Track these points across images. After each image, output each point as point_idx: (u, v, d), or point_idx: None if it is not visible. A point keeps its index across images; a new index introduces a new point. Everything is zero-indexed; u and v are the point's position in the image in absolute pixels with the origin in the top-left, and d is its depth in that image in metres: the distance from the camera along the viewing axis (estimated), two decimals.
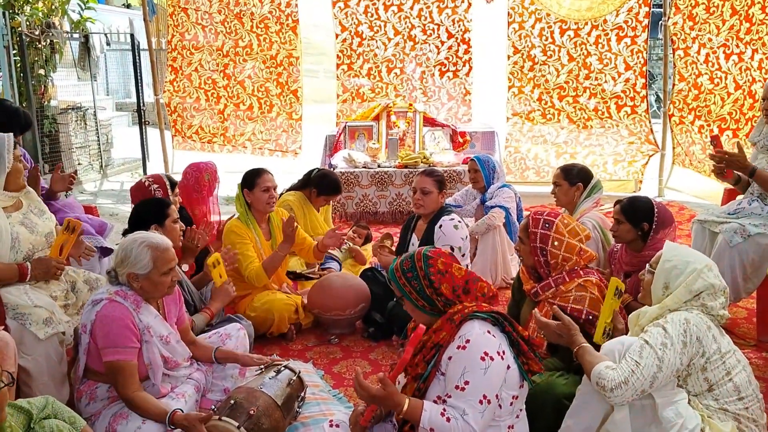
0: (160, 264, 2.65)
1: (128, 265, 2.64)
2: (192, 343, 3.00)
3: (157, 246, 2.65)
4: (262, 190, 3.98)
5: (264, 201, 3.99)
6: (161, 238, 2.71)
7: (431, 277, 2.32)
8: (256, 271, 3.86)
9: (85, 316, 2.68)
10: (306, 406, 2.95)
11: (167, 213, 3.33)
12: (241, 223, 3.99)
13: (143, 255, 2.63)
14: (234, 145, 8.30)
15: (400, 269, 2.38)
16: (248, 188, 4.00)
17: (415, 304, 2.35)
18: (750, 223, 3.70)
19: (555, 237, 2.96)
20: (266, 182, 3.99)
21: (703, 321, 2.31)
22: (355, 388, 2.23)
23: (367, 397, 2.19)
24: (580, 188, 4.16)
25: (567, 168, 4.25)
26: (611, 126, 7.67)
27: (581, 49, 7.51)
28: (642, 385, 2.18)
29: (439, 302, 2.31)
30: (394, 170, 6.89)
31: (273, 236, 4.13)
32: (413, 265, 2.36)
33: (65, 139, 8.21)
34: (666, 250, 2.51)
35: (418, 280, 2.33)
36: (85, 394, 2.71)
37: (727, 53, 6.42)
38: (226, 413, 2.52)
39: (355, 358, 3.74)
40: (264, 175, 4.02)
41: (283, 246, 3.93)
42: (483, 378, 2.13)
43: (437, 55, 7.83)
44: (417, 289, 2.33)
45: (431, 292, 2.31)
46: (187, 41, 7.97)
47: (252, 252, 3.91)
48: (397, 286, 2.39)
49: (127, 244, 2.67)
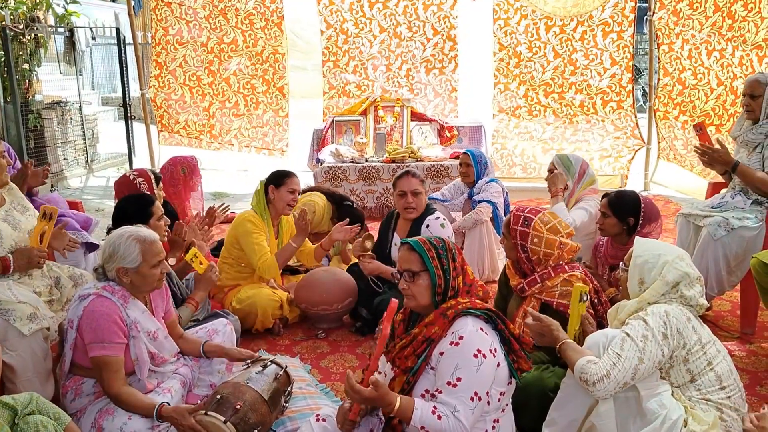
0: (149, 257, 2.64)
1: (117, 260, 2.63)
2: (180, 337, 2.99)
3: (145, 239, 2.65)
4: (289, 190, 4.04)
5: (287, 201, 4.05)
6: (148, 232, 2.71)
7: (457, 263, 2.35)
8: (269, 262, 3.90)
9: (71, 311, 2.66)
10: (293, 401, 2.95)
11: (151, 212, 3.32)
12: (257, 215, 4.02)
13: (132, 249, 2.62)
14: (221, 142, 8.25)
15: (431, 243, 2.36)
16: (275, 185, 4.03)
17: (434, 282, 2.31)
18: (733, 217, 3.73)
19: (534, 234, 2.98)
20: (294, 185, 4.07)
21: (683, 313, 2.33)
22: (346, 390, 2.21)
23: (360, 399, 2.18)
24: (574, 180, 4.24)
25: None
26: (597, 122, 7.71)
27: (567, 45, 7.53)
28: (624, 377, 2.20)
29: (452, 290, 2.32)
30: (382, 165, 6.90)
31: (280, 237, 4.18)
32: (445, 245, 2.36)
33: (50, 134, 8.14)
34: (636, 246, 2.54)
35: (447, 260, 2.33)
36: (71, 390, 2.69)
37: (709, 49, 6.47)
38: (213, 408, 2.51)
39: (342, 353, 3.75)
40: (294, 177, 4.10)
41: (296, 238, 4.00)
42: (475, 375, 2.14)
43: (423, 52, 7.83)
44: (444, 268, 2.32)
45: (455, 275, 2.32)
46: (171, 36, 7.91)
47: (266, 244, 3.95)
48: (424, 258, 2.32)
49: (114, 239, 2.65)
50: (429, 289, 2.33)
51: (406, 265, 2.37)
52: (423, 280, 2.33)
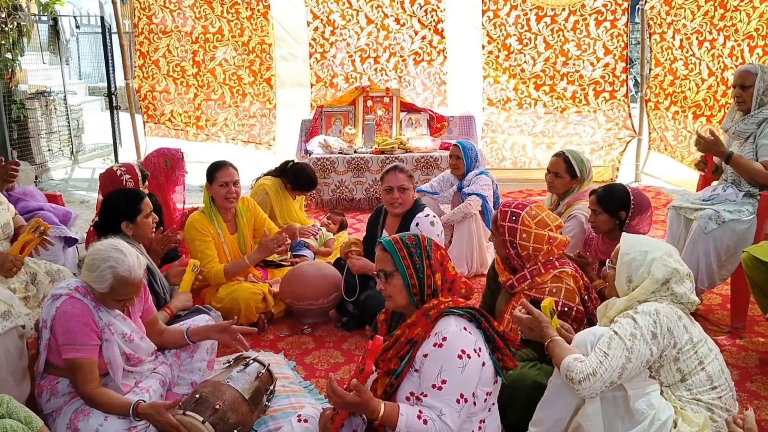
0: (117, 293, 2.56)
1: (90, 276, 2.55)
2: (162, 332, 2.93)
3: (121, 277, 2.53)
4: (219, 184, 3.85)
5: (222, 196, 3.85)
6: (130, 268, 2.55)
7: (432, 261, 2.27)
8: (215, 272, 3.79)
9: (45, 311, 2.60)
10: (276, 399, 2.89)
11: (139, 209, 3.22)
12: (203, 217, 3.88)
13: (105, 278, 2.52)
14: (207, 135, 8.13)
15: (402, 242, 2.29)
16: (209, 182, 3.89)
17: (407, 282, 2.25)
18: (725, 210, 3.69)
19: (522, 229, 2.92)
20: (224, 177, 3.85)
21: (674, 311, 2.27)
22: (327, 395, 2.16)
23: (342, 404, 2.12)
24: (578, 181, 4.07)
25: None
26: (588, 113, 7.64)
27: (558, 35, 7.45)
28: (611, 376, 2.15)
29: (428, 289, 2.26)
30: (371, 156, 6.82)
31: (239, 230, 4.04)
32: (418, 243, 2.29)
33: (34, 125, 8.00)
34: (623, 244, 2.48)
35: (420, 258, 2.26)
36: (46, 390, 2.63)
37: (700, 40, 6.41)
38: (191, 407, 2.45)
39: (328, 349, 3.68)
40: (223, 169, 3.88)
41: (252, 256, 3.88)
42: (460, 377, 2.09)
43: (411, 44, 7.73)
44: (416, 267, 2.26)
45: (429, 274, 2.25)
46: (154, 25, 7.75)
47: (212, 250, 3.82)
48: (394, 258, 2.27)
49: (97, 255, 2.56)
50: (404, 289, 2.27)
51: (380, 265, 2.33)
52: (397, 280, 2.28)
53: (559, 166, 4.05)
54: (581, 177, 4.03)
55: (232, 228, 4.01)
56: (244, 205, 4.08)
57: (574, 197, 4.02)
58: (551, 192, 4.21)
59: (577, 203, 3.97)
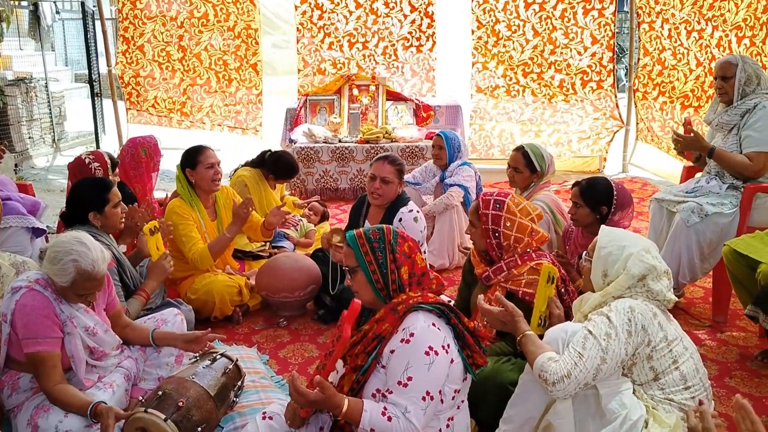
0: (78, 288, 2.49)
1: (52, 269, 2.47)
2: (126, 326, 2.85)
3: (84, 271, 2.45)
4: (206, 167, 3.79)
5: (209, 178, 3.80)
6: (93, 262, 2.47)
7: (397, 255, 2.20)
8: (200, 252, 3.69)
9: (4, 305, 2.52)
10: (245, 395, 2.83)
11: (107, 198, 3.13)
12: (183, 203, 3.80)
13: (68, 271, 2.45)
14: (192, 121, 8.01)
15: (365, 237, 2.23)
16: (191, 167, 3.80)
17: (369, 278, 2.20)
18: (708, 202, 3.63)
19: (507, 217, 2.85)
20: (210, 158, 3.81)
21: (649, 308, 2.21)
22: (290, 393, 2.10)
23: (305, 402, 2.06)
24: (538, 176, 4.03)
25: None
26: (576, 102, 7.57)
27: (546, 23, 7.35)
28: (585, 378, 2.08)
29: (393, 284, 2.19)
30: (356, 145, 6.74)
31: (219, 216, 3.96)
32: (382, 237, 2.23)
33: (14, 112, 7.86)
34: (601, 237, 2.41)
35: (383, 253, 2.20)
36: (8, 385, 2.57)
37: (689, 30, 6.33)
38: (154, 405, 2.38)
39: (302, 342, 3.62)
40: (206, 151, 3.83)
41: (231, 228, 3.78)
42: (427, 374, 2.03)
43: (400, 29, 7.62)
44: (379, 262, 2.20)
45: (393, 269, 2.19)
46: (138, 10, 7.61)
47: (196, 233, 3.74)
48: (355, 254, 2.23)
49: (60, 248, 2.47)
50: (367, 285, 2.22)
51: (345, 260, 2.29)
52: (360, 275, 2.23)
53: (519, 161, 4.01)
54: (541, 171, 3.98)
55: (212, 214, 3.95)
56: (222, 193, 4.01)
57: (534, 190, 3.98)
58: (512, 186, 4.17)
59: (538, 194, 3.93)
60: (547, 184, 4.06)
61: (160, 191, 4.59)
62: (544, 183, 4.00)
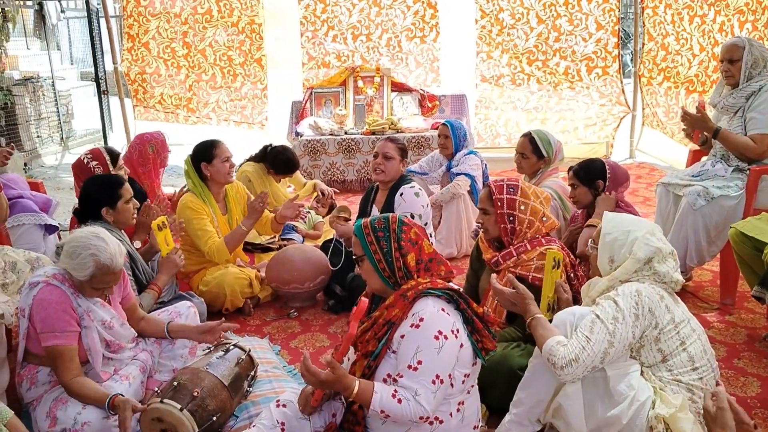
0: (97, 282, 2.53)
1: (70, 264, 2.52)
2: (142, 319, 2.90)
3: (103, 265, 2.50)
4: (222, 160, 3.83)
5: (225, 172, 3.84)
6: (112, 256, 2.52)
7: (402, 242, 2.24)
8: (217, 246, 3.73)
9: (22, 300, 2.57)
10: (258, 384, 2.87)
11: (119, 194, 3.18)
12: (196, 198, 3.83)
13: (87, 265, 2.49)
14: (198, 117, 8.05)
15: (371, 226, 2.27)
16: (207, 161, 3.83)
17: (375, 266, 2.24)
18: (713, 186, 3.65)
19: (521, 201, 2.89)
20: (226, 152, 3.85)
21: (656, 291, 2.23)
22: (302, 373, 2.14)
23: (316, 382, 2.10)
24: (546, 162, 4.06)
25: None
26: (582, 89, 7.56)
27: (551, 10, 7.35)
28: (593, 361, 2.11)
29: (399, 272, 2.23)
30: (362, 137, 6.76)
31: (229, 210, 4.00)
32: (387, 226, 2.27)
33: (22, 112, 7.92)
34: (605, 223, 2.44)
35: (388, 242, 2.24)
36: (26, 379, 2.62)
37: (691, 15, 6.31)
38: (169, 395, 2.43)
39: (313, 332, 3.66)
40: (221, 144, 3.87)
41: (246, 221, 3.81)
42: (436, 357, 2.06)
43: (404, 20, 7.62)
44: (384, 251, 2.23)
45: (398, 257, 2.23)
46: (143, 7, 7.65)
47: (210, 227, 3.78)
48: (361, 243, 2.27)
49: (78, 243, 2.52)
50: (375, 273, 2.26)
51: (354, 250, 2.33)
52: (367, 264, 2.27)
53: (526, 147, 4.05)
54: (548, 157, 4.01)
55: (222, 209, 3.98)
56: (232, 188, 4.05)
57: (542, 177, 4.01)
58: (520, 173, 4.21)
59: (546, 180, 3.96)
60: (555, 171, 4.08)
61: (168, 187, 4.62)
62: (552, 170, 4.04)
